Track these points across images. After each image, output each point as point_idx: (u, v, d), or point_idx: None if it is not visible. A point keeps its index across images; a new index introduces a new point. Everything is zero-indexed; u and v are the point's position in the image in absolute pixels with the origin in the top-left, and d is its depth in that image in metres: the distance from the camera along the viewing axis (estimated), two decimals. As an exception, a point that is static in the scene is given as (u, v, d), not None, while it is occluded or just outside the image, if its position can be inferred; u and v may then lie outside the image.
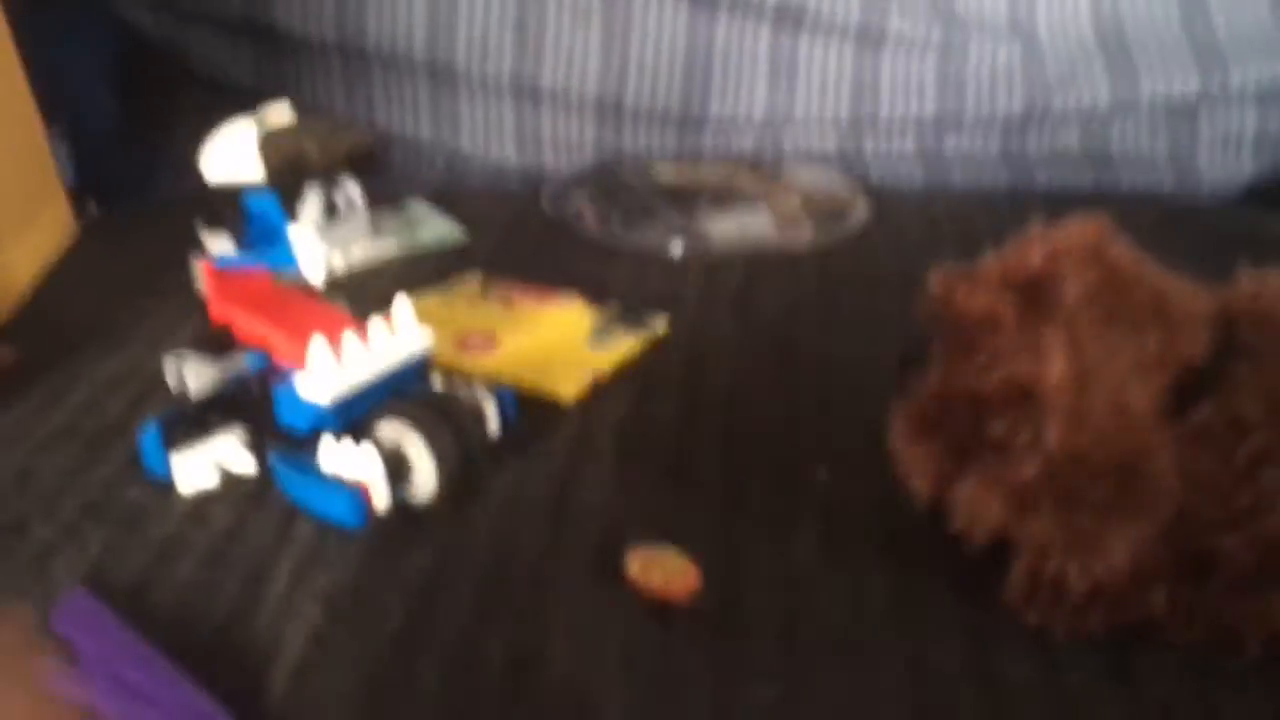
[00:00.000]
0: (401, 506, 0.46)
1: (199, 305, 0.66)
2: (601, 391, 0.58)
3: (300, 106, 0.47)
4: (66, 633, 0.41)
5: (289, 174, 0.44)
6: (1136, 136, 0.87)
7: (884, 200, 0.83)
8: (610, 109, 0.90)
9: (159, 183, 0.88)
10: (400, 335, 0.48)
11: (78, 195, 0.79)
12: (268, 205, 0.46)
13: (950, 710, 0.38)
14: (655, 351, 0.62)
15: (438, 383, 0.50)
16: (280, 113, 0.45)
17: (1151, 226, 0.78)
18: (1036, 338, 0.40)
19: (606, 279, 0.70)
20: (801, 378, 0.59)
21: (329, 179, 0.46)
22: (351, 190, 0.48)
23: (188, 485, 0.49)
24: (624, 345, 0.62)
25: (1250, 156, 0.87)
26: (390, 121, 0.89)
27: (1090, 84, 0.86)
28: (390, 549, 0.46)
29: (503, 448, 0.51)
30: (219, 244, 0.47)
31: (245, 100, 0.89)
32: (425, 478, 0.46)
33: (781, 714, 0.38)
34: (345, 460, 0.46)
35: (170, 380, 0.48)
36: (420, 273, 0.70)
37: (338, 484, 0.45)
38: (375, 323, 0.48)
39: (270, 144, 0.44)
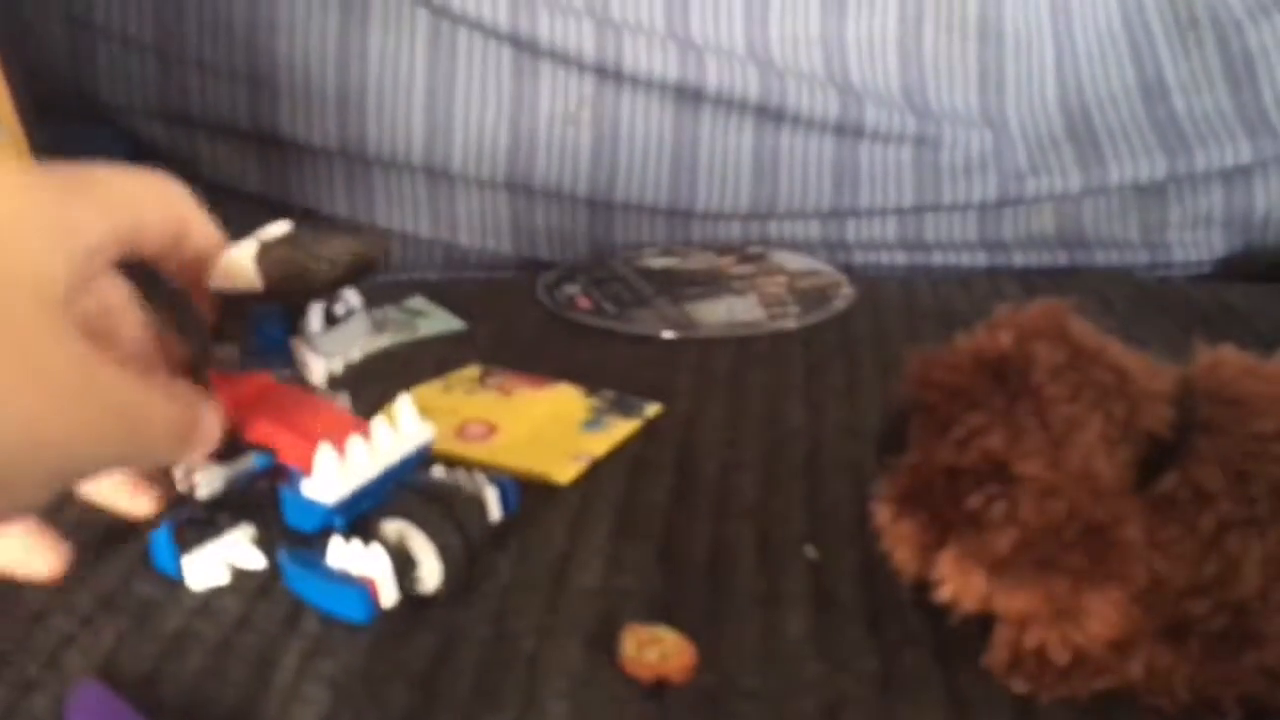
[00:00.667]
0: (408, 597, 0.48)
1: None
2: (597, 475, 0.60)
3: (302, 220, 0.49)
4: (81, 722, 0.42)
5: (288, 288, 0.47)
6: (1109, 218, 0.91)
7: (867, 283, 0.86)
8: (601, 204, 0.94)
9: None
10: (402, 431, 0.51)
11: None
12: (271, 315, 0.49)
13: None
14: (648, 435, 0.64)
15: (439, 472, 0.52)
16: (279, 228, 0.48)
17: (1126, 302, 0.82)
18: (1008, 414, 0.42)
19: (601, 365, 0.73)
20: (790, 456, 0.61)
21: (328, 293, 0.49)
22: (350, 297, 0.50)
23: (199, 583, 0.50)
24: (618, 430, 0.64)
25: (1219, 234, 0.91)
26: (390, 219, 0.93)
27: (1061, 170, 0.89)
28: (395, 635, 0.47)
29: (504, 533, 0.52)
30: (224, 352, 0.49)
31: (251, 205, 0.93)
32: (430, 570, 0.48)
33: (775, 786, 0.39)
34: (352, 558, 0.47)
35: (179, 483, 0.50)
36: (420, 363, 0.73)
37: (345, 581, 0.47)
38: (378, 421, 0.50)
39: (267, 257, 0.46)
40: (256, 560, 0.51)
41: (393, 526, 0.49)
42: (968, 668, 0.44)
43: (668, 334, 0.78)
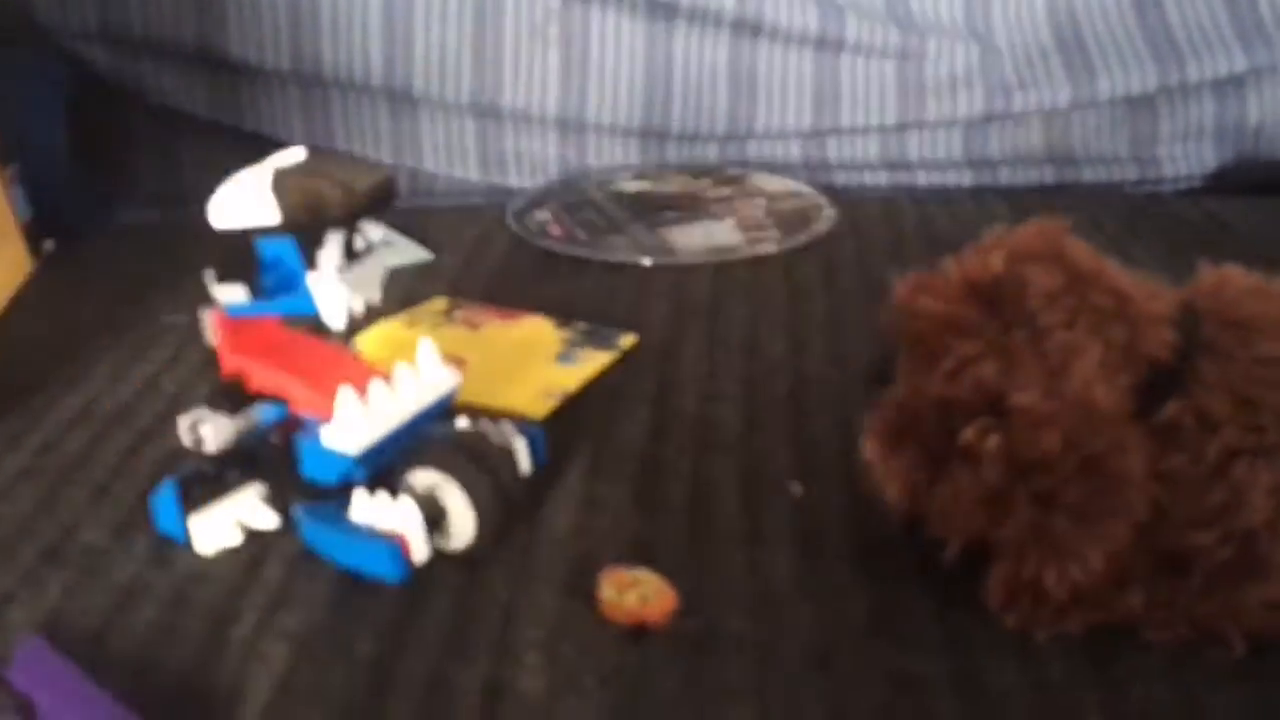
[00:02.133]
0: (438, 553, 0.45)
1: (165, 340, 0.65)
2: (570, 410, 0.57)
3: (314, 150, 0.45)
4: (23, 685, 0.39)
5: (307, 218, 0.43)
6: (1098, 132, 0.88)
7: (849, 205, 0.82)
8: (572, 126, 0.90)
9: (116, 216, 0.87)
10: (425, 377, 0.47)
11: (34, 233, 0.78)
12: (284, 251, 0.45)
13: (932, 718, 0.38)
14: (624, 367, 0.61)
15: (463, 422, 0.49)
16: (294, 155, 0.44)
17: (1116, 220, 0.80)
18: (1001, 342, 0.40)
19: (573, 295, 0.70)
20: (771, 389, 0.59)
21: (348, 223, 0.45)
22: (371, 232, 0.47)
23: (207, 546, 0.47)
24: (592, 363, 0.61)
25: (1211, 147, 0.88)
26: (350, 145, 0.89)
27: (1049, 83, 0.86)
28: (358, 587, 0.45)
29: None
30: (229, 293, 0.45)
31: (201, 130, 0.89)
32: (463, 526, 0.45)
33: (761, 734, 0.37)
34: (379, 513, 0.44)
35: (184, 436, 0.46)
36: (385, 296, 0.69)
37: (375, 537, 0.44)
38: (400, 367, 0.46)
39: (285, 185, 0.43)
40: (269, 519, 0.48)
41: (422, 478, 0.45)
42: (962, 606, 0.42)
43: (644, 261, 0.75)
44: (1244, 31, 0.83)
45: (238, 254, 0.45)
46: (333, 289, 0.44)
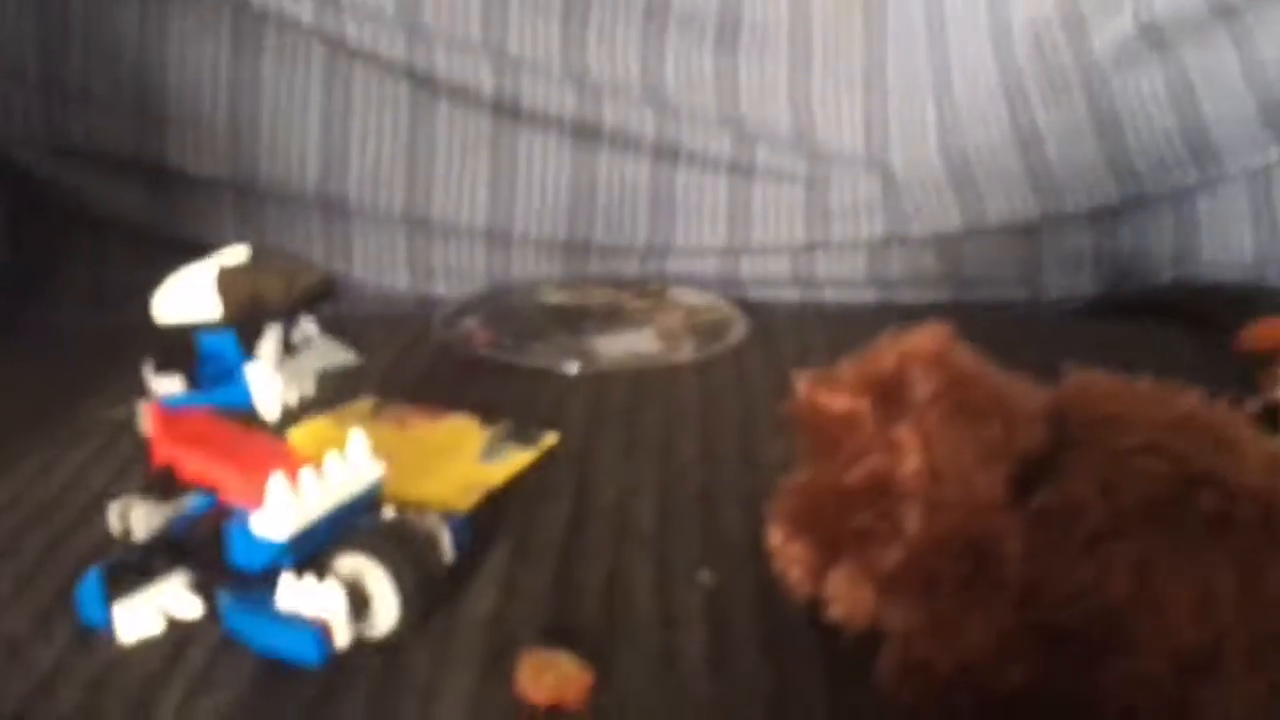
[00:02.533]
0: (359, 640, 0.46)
1: (94, 435, 0.66)
2: (494, 504, 0.59)
3: (256, 248, 0.48)
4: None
5: (248, 313, 0.46)
6: (987, 256, 0.95)
7: (761, 318, 0.87)
8: (500, 237, 0.94)
9: (45, 320, 0.88)
10: (354, 468, 0.49)
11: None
12: (224, 344, 0.47)
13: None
14: (545, 465, 0.64)
15: (389, 514, 0.50)
16: (237, 254, 0.47)
17: (1002, 334, 0.85)
18: (891, 434, 0.44)
19: (498, 398, 0.72)
20: (686, 485, 0.62)
21: (288, 317, 0.47)
22: (307, 326, 0.49)
23: (129, 634, 0.47)
24: (515, 460, 0.64)
25: (1090, 271, 0.95)
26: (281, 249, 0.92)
27: (943, 211, 0.93)
28: (280, 671, 0.46)
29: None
30: (167, 384, 0.47)
31: (136, 234, 0.91)
32: (386, 610, 0.47)
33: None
34: (304, 597, 0.45)
35: (113, 524, 0.47)
36: (313, 397, 0.71)
37: (297, 622, 0.45)
38: (330, 456, 0.48)
39: (229, 282, 0.45)
40: (193, 607, 0.48)
41: (347, 562, 0.47)
42: (859, 685, 0.45)
43: (567, 366, 0.78)
44: (1116, 169, 0.92)
45: (176, 346, 0.47)
46: (269, 380, 0.47)
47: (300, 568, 0.47)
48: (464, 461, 0.64)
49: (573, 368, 0.78)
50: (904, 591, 0.43)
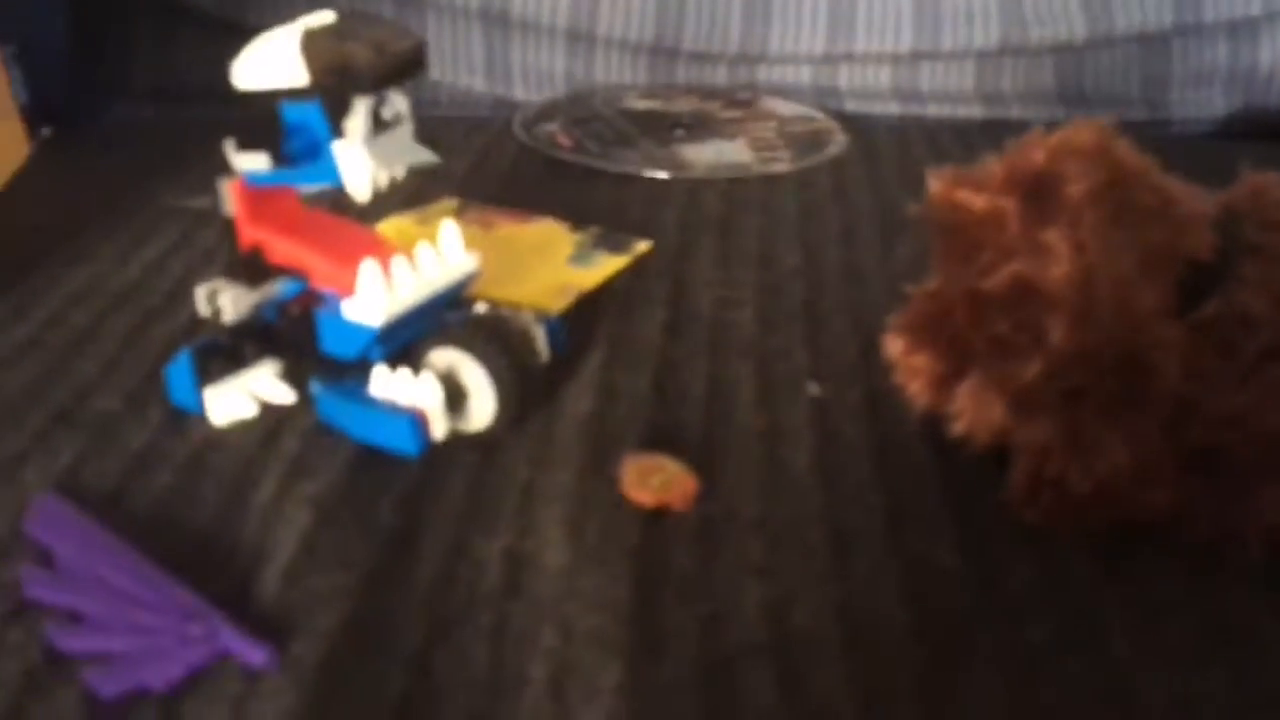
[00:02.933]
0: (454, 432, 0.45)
1: (170, 225, 0.64)
2: (584, 309, 0.57)
3: (343, 13, 0.44)
4: (40, 536, 0.39)
5: (335, 81, 0.42)
6: (1110, 72, 0.87)
7: (860, 131, 0.82)
8: (582, 39, 0.88)
9: (112, 110, 0.85)
10: (447, 258, 0.47)
11: (31, 118, 0.76)
12: (310, 116, 0.43)
13: (951, 609, 0.38)
14: (638, 271, 0.61)
15: (481, 309, 0.48)
16: (323, 17, 0.43)
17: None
18: (1041, 236, 0.40)
19: (584, 202, 0.69)
20: (787, 296, 0.58)
21: (377, 90, 0.43)
22: (398, 102, 0.45)
23: (221, 417, 0.46)
24: (606, 265, 0.61)
25: (1221, 92, 0.88)
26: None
27: (1066, 18, 0.85)
28: (376, 461, 0.44)
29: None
30: (250, 161, 0.44)
31: (204, 23, 0.86)
32: (482, 405, 0.45)
33: (781, 610, 0.38)
34: (399, 388, 0.44)
35: (201, 307, 0.46)
36: (392, 195, 0.68)
37: (394, 411, 0.44)
38: (423, 246, 0.46)
39: (315, 46, 0.41)
40: (285, 394, 0.47)
41: (442, 356, 0.45)
42: (979, 502, 0.43)
43: (656, 173, 0.74)
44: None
45: (260, 122, 0.44)
46: (359, 158, 0.43)
47: (393, 361, 0.45)
48: (553, 265, 0.61)
49: (662, 175, 0.74)
50: (1041, 407, 0.40)
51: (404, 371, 0.44)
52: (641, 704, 0.34)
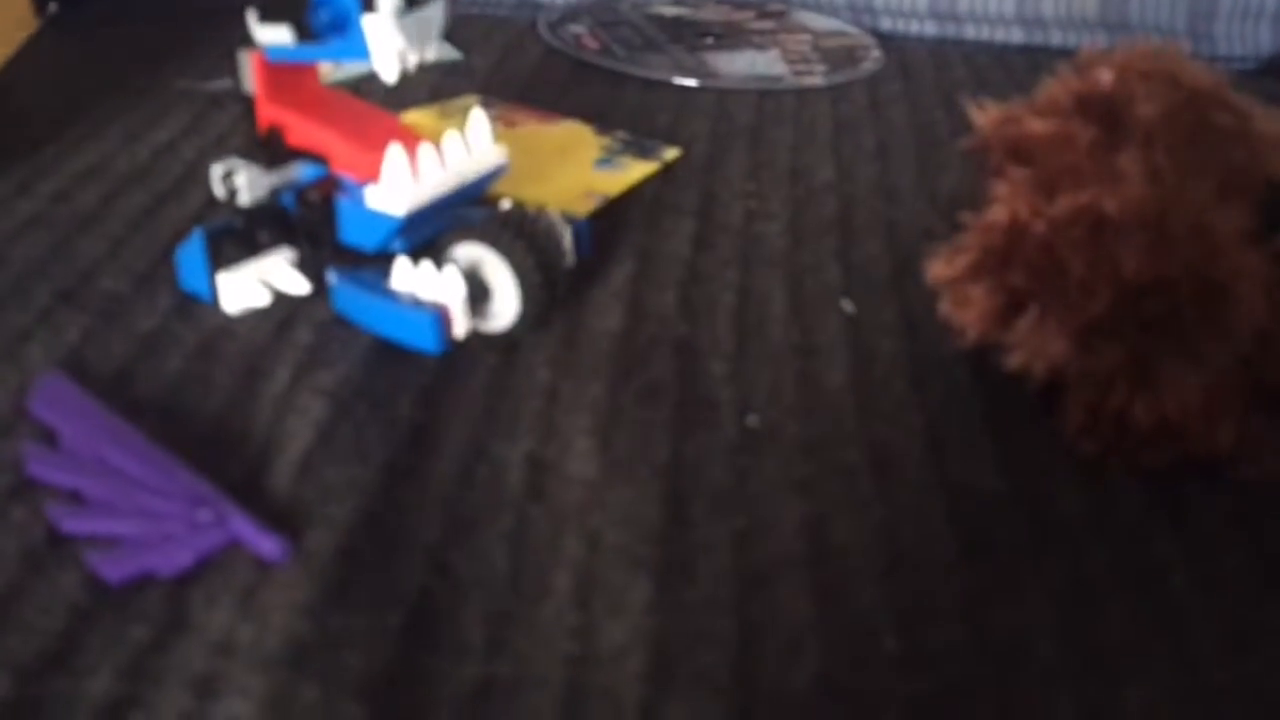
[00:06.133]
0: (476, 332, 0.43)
1: (181, 108, 0.61)
2: (611, 215, 0.54)
3: None
4: (43, 415, 0.37)
5: None
6: (1156, 2, 0.84)
7: (895, 49, 0.79)
8: (612, -61, 0.85)
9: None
10: (475, 152, 0.44)
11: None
12: None
13: (997, 536, 0.37)
14: (665, 180, 0.58)
15: (506, 205, 0.46)
16: None
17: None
18: (1112, 161, 0.38)
19: (611, 106, 0.66)
20: (820, 210, 0.56)
21: None
22: None
23: (232, 305, 0.44)
24: (634, 170, 0.58)
25: (1268, 28, 0.84)
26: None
27: (1116, -58, 0.82)
28: (394, 354, 0.42)
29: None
30: (273, 34, 0.41)
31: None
32: (505, 303, 0.43)
33: (818, 528, 0.36)
34: (421, 282, 0.42)
35: (216, 187, 0.43)
36: (409, 89, 0.65)
37: (415, 306, 0.42)
38: (451, 135, 0.43)
39: None
40: (299, 284, 0.45)
41: (466, 251, 0.43)
42: (1021, 430, 0.41)
43: (685, 81, 0.71)
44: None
45: None
46: (390, 34, 0.41)
47: (415, 255, 0.43)
48: (578, 167, 0.58)
49: (691, 82, 0.71)
50: (1107, 337, 0.38)
51: (426, 265, 0.42)
52: (671, 620, 0.32)
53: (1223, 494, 0.38)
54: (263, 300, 0.45)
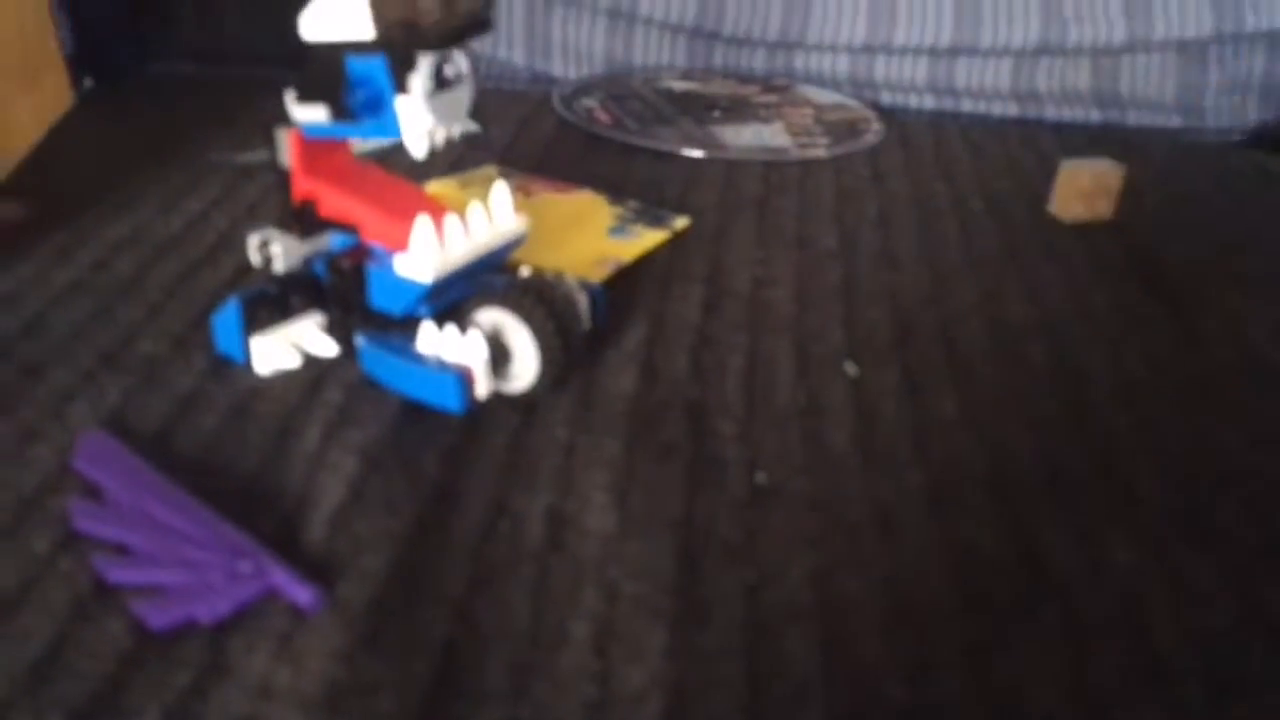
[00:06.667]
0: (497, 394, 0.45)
1: (213, 179, 0.64)
2: (624, 282, 0.57)
3: None
4: (87, 471, 0.39)
5: (402, 36, 0.42)
6: (1147, 77, 0.87)
7: (896, 123, 0.82)
8: (622, 18, 0.88)
9: (154, 66, 0.85)
10: (497, 222, 0.47)
11: (75, 67, 0.76)
12: (373, 71, 0.43)
13: (995, 590, 0.38)
14: (676, 247, 0.61)
15: (525, 272, 0.49)
16: None
17: (1163, 158, 0.80)
18: None
19: (623, 177, 0.69)
20: (824, 277, 0.59)
21: (443, 46, 0.43)
22: (461, 61, 0.45)
23: (264, 367, 0.47)
24: (646, 239, 0.61)
25: (1256, 102, 0.88)
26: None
27: (1106, 20, 0.85)
28: (420, 414, 0.44)
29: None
30: (310, 113, 0.44)
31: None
32: (527, 364, 0.46)
33: (825, 581, 0.38)
34: (445, 345, 0.44)
35: (253, 255, 0.46)
36: (433, 160, 0.68)
37: (440, 367, 0.44)
38: (474, 205, 0.46)
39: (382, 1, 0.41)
40: (329, 347, 0.48)
41: (488, 316, 0.45)
42: (1020, 489, 0.43)
43: (694, 152, 0.74)
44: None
45: (323, 71, 0.44)
46: (421, 113, 0.43)
47: (440, 319, 0.45)
48: (593, 236, 0.61)
49: (700, 154, 0.74)
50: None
51: (451, 329, 0.44)
52: (686, 666, 0.34)
53: (1212, 552, 0.40)
54: (294, 363, 0.47)
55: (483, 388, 0.44)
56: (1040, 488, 0.43)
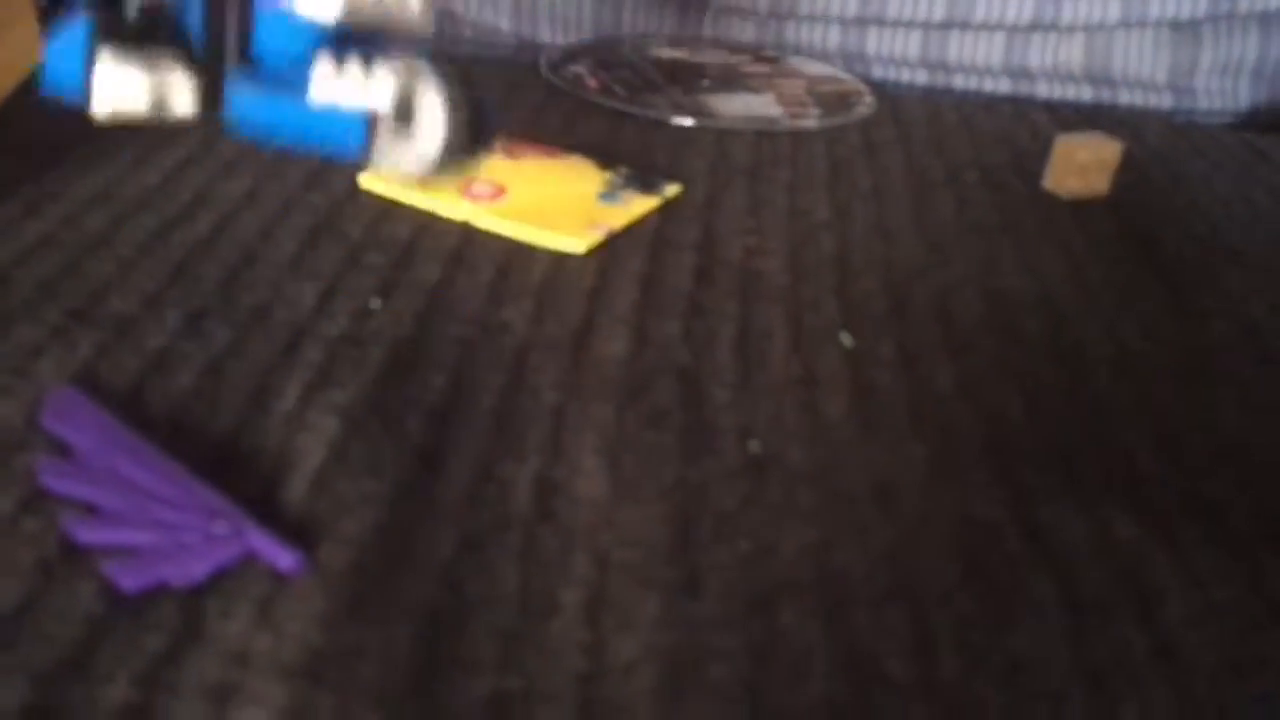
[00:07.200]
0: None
1: (192, 131, 0.62)
2: (615, 249, 0.55)
3: None
4: (56, 428, 0.38)
5: None
6: (1139, 55, 0.87)
7: (888, 96, 0.81)
8: (611, -17, 0.87)
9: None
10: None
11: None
12: None
13: (994, 562, 0.37)
14: (667, 214, 0.60)
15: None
16: None
17: (1156, 138, 0.79)
18: None
19: (612, 144, 0.68)
20: (818, 247, 0.57)
21: None
22: None
23: (105, 105, 0.40)
24: (637, 205, 0.60)
25: (1247, 84, 0.87)
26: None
27: (1101, -3, 0.84)
28: (400, 370, 0.43)
29: (517, 290, 0.48)
30: None
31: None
32: (430, 129, 0.40)
33: (822, 553, 0.37)
34: (344, 89, 0.39)
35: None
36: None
37: (334, 106, 0.39)
38: None
39: None
40: (186, 97, 0.40)
41: (402, 64, 0.39)
42: (1016, 458, 0.42)
43: (684, 120, 0.72)
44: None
45: None
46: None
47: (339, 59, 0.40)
48: (583, 200, 0.59)
49: (690, 122, 0.72)
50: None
51: (353, 68, 0.40)
52: (680, 636, 0.33)
53: (1213, 525, 0.39)
54: (138, 105, 0.40)
55: (385, 140, 0.40)
56: (1039, 460, 0.42)
